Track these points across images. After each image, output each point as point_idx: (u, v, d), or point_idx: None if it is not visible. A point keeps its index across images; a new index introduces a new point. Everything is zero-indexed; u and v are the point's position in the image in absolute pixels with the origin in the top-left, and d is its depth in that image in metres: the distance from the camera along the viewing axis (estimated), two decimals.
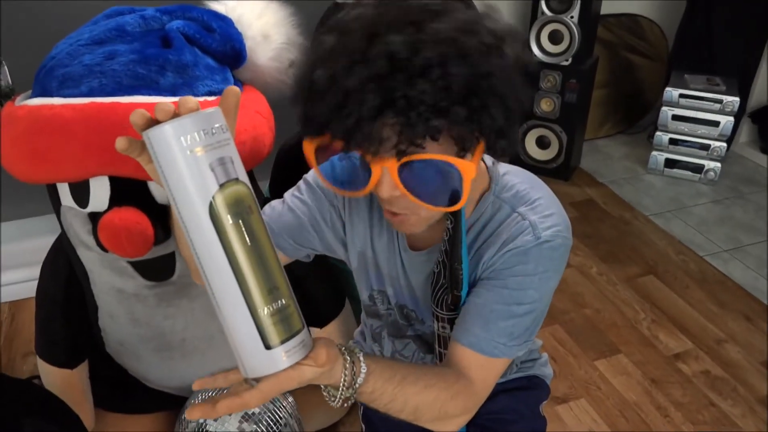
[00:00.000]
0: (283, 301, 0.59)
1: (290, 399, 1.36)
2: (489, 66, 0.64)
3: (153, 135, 0.55)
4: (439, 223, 0.83)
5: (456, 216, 0.78)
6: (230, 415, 1.27)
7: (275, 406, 1.31)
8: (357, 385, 0.67)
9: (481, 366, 0.79)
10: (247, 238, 0.57)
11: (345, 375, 0.65)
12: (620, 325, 1.92)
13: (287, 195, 0.92)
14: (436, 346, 0.90)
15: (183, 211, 0.56)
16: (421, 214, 0.75)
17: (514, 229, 0.80)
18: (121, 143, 0.58)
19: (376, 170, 0.68)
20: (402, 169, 0.67)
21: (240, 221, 0.56)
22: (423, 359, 1.01)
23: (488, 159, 0.85)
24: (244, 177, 0.58)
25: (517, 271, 0.78)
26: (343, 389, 0.66)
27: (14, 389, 1.06)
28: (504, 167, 0.86)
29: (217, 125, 0.56)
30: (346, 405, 0.68)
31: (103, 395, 1.41)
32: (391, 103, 0.62)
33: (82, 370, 1.37)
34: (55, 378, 1.35)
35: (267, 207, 0.93)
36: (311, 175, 0.92)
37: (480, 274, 0.82)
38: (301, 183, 0.93)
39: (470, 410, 0.80)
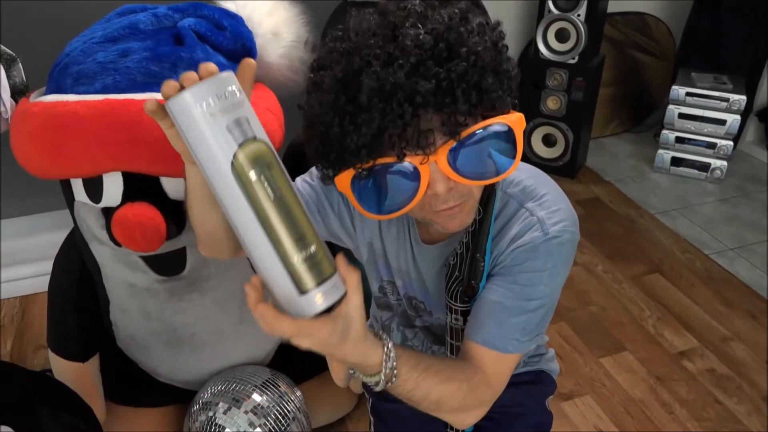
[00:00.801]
0: (313, 249, 0.62)
1: (298, 393, 1.37)
2: (494, 38, 0.72)
3: (173, 103, 0.58)
4: None
5: (486, 207, 0.80)
6: (239, 408, 1.29)
7: (283, 400, 1.33)
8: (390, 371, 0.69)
9: (496, 362, 0.81)
10: (270, 192, 0.60)
11: (385, 362, 0.68)
12: (626, 323, 1.93)
13: (298, 180, 0.94)
14: (447, 338, 0.92)
15: (208, 171, 0.60)
16: (475, 197, 0.77)
17: (522, 225, 0.81)
18: (150, 105, 0.62)
19: (425, 170, 0.71)
20: (451, 155, 0.70)
21: (262, 176, 0.59)
22: (431, 348, 1.03)
23: None
24: (262, 135, 0.60)
25: (526, 267, 0.80)
26: (384, 374, 0.68)
27: (30, 380, 1.08)
28: None
29: (230, 88, 0.59)
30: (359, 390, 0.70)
31: (113, 388, 1.43)
32: (435, 90, 0.66)
33: (93, 363, 1.38)
34: (66, 371, 1.36)
35: None
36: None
37: (490, 269, 0.84)
38: (312, 169, 0.94)
39: (488, 403, 0.82)
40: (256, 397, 1.30)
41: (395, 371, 0.69)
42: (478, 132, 0.71)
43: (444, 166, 0.71)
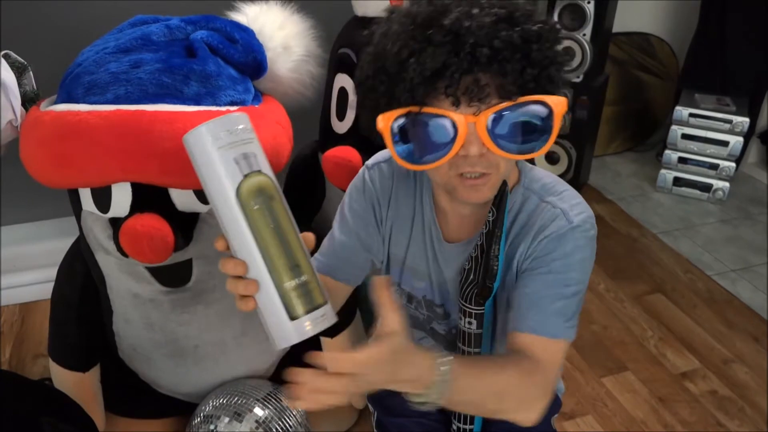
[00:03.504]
0: (305, 278, 0.67)
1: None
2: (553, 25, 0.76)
3: (190, 135, 0.65)
4: (478, 214, 0.87)
5: (499, 208, 0.81)
6: (240, 423, 1.28)
7: (285, 414, 1.32)
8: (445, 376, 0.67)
9: (545, 348, 0.80)
10: (270, 221, 0.66)
11: (440, 365, 0.67)
12: (628, 343, 1.92)
13: (336, 229, 0.97)
14: (459, 344, 0.91)
15: (215, 197, 0.66)
16: (501, 172, 0.79)
17: (546, 217, 0.83)
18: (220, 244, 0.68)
19: (462, 130, 0.72)
20: (493, 121, 0.72)
21: (263, 206, 0.65)
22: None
23: None
24: (267, 170, 0.67)
25: (557, 255, 0.81)
26: (440, 375, 0.67)
27: (31, 389, 1.07)
28: (530, 164, 0.91)
29: (240, 126, 0.65)
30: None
31: (113, 399, 1.42)
32: (510, 43, 0.69)
33: (94, 373, 1.38)
34: (66, 381, 1.36)
35: (323, 246, 0.98)
36: (347, 203, 0.96)
37: (519, 266, 0.85)
38: (343, 212, 0.97)
39: (549, 393, 0.79)
40: (258, 410, 1.29)
41: (450, 368, 0.67)
42: (524, 104, 0.73)
43: (482, 131, 0.73)
